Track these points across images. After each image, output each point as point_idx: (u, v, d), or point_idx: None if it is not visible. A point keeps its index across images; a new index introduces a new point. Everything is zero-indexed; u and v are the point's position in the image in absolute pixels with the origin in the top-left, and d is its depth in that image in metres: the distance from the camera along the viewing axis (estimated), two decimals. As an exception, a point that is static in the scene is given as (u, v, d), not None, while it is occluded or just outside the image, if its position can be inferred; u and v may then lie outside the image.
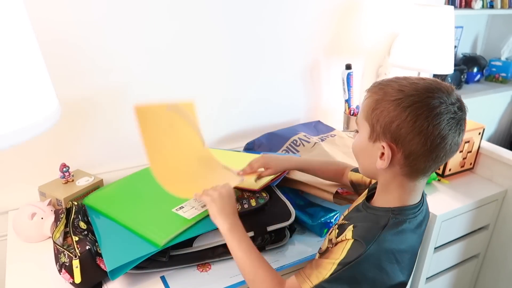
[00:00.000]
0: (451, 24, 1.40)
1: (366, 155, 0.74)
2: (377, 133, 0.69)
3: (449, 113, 0.65)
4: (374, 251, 0.68)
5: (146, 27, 1.15)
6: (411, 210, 0.73)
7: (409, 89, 0.66)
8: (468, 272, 1.45)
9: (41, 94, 0.64)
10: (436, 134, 0.64)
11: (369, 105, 0.70)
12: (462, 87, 2.32)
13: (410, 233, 0.73)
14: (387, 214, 0.72)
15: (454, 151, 0.68)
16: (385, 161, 0.69)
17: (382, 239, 0.69)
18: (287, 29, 1.40)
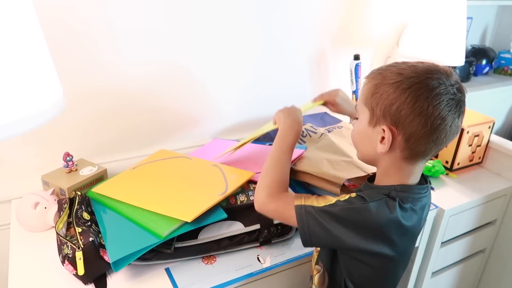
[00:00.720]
0: (463, 14, 1.37)
1: (366, 140, 0.73)
2: (377, 117, 0.69)
3: (448, 94, 0.65)
4: (374, 208, 0.68)
5: (153, 18, 1.12)
6: (416, 190, 0.73)
7: (408, 71, 0.67)
8: (473, 267, 1.43)
9: (45, 83, 0.62)
10: (436, 115, 0.65)
11: (369, 89, 0.71)
12: (470, 79, 2.28)
13: (411, 212, 0.72)
14: (390, 190, 0.72)
15: (454, 133, 0.69)
16: (386, 145, 0.69)
17: (384, 202, 0.69)
18: (294, 18, 1.37)
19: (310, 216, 0.71)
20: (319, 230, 0.70)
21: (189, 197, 0.92)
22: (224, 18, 1.24)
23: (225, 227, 0.93)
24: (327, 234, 0.70)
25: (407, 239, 0.75)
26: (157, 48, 1.17)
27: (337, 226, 0.69)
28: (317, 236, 0.71)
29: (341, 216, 0.69)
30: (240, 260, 0.92)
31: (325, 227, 0.70)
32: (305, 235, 0.72)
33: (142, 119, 1.24)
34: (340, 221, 0.69)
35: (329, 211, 0.70)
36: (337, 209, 0.70)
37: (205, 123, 1.37)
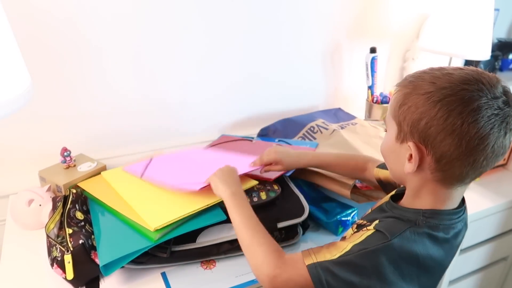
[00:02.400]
0: (490, 5, 1.27)
1: (394, 157, 0.65)
2: (404, 133, 0.60)
3: (490, 109, 0.54)
4: (397, 245, 0.59)
5: (152, 11, 1.07)
6: (447, 216, 0.63)
7: (442, 80, 0.57)
8: (495, 275, 1.35)
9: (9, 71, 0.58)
10: (472, 134, 0.54)
11: (397, 100, 0.61)
12: (496, 74, 2.17)
13: (443, 243, 0.63)
14: (417, 215, 0.62)
15: (498, 155, 0.57)
16: (413, 164, 0.60)
17: (408, 236, 0.60)
18: (306, 8, 1.30)
19: (328, 274, 0.60)
20: (341, 286, 0.60)
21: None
22: (231, 8, 1.18)
23: (226, 231, 0.87)
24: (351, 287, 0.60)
25: (437, 271, 0.66)
26: (159, 40, 1.12)
27: (359, 278, 0.59)
28: None
29: (361, 265, 0.59)
30: (241, 266, 0.87)
31: (347, 282, 0.59)
32: None
33: (145, 113, 1.20)
34: (362, 271, 0.59)
35: (346, 261, 0.60)
36: (354, 256, 0.60)
37: (211, 118, 1.32)
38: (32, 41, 0.98)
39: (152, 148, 1.22)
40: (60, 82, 1.06)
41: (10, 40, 0.60)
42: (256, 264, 0.66)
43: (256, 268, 0.66)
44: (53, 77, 1.04)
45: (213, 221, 0.83)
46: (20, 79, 0.61)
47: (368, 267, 0.59)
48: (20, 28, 0.95)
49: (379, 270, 0.59)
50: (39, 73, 1.01)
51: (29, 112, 1.04)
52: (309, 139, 1.24)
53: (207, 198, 0.85)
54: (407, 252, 0.60)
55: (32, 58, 0.98)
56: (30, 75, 0.68)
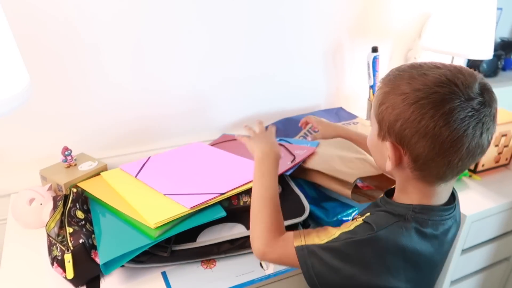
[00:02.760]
0: (492, 4, 1.26)
1: (378, 153, 0.66)
2: (384, 131, 0.61)
3: (463, 111, 0.54)
4: (383, 237, 0.60)
5: (158, 10, 1.07)
6: (437, 212, 0.63)
7: (417, 82, 0.56)
8: (497, 275, 1.34)
9: (7, 70, 0.58)
10: (445, 137, 0.54)
11: (378, 98, 0.62)
12: (498, 74, 2.15)
13: (432, 239, 0.63)
14: (407, 210, 0.63)
15: (475, 155, 0.58)
16: (392, 163, 0.61)
17: (395, 229, 0.61)
18: (308, 6, 1.29)
19: (313, 257, 0.63)
20: (325, 270, 0.62)
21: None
22: (233, 7, 1.18)
23: (226, 230, 0.87)
24: (335, 274, 0.62)
25: (425, 268, 0.65)
26: (160, 39, 1.12)
27: (345, 265, 0.61)
28: (324, 278, 0.63)
29: (346, 253, 0.61)
30: (241, 265, 0.87)
31: (331, 267, 0.61)
32: (310, 278, 0.63)
33: (146, 112, 1.20)
34: (346, 258, 0.61)
35: (333, 247, 0.62)
36: (340, 244, 0.62)
37: (212, 117, 1.32)
38: (33, 40, 0.98)
39: (152, 147, 1.22)
40: (62, 81, 1.06)
41: (8, 39, 0.60)
42: (253, 237, 0.71)
43: (252, 239, 0.71)
44: (55, 76, 1.04)
45: (213, 218, 0.83)
46: (19, 78, 0.61)
47: (352, 255, 0.61)
48: (20, 27, 0.95)
49: (364, 260, 0.61)
50: (41, 73, 1.02)
51: (30, 111, 1.04)
52: None
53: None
54: (393, 245, 0.60)
55: (34, 58, 0.99)
56: (30, 74, 0.68)
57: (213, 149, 1.10)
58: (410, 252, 0.61)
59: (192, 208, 0.81)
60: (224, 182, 0.90)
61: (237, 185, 0.88)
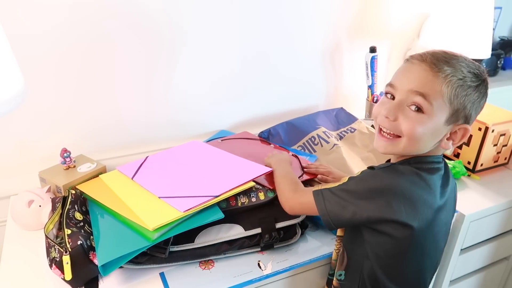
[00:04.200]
0: (490, 3, 1.26)
1: (436, 136, 0.71)
2: (458, 117, 0.69)
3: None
4: (383, 173, 0.72)
5: (158, 11, 1.07)
6: (430, 159, 0.73)
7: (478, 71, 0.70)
8: (496, 275, 1.34)
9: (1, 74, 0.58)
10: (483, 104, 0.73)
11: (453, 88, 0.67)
12: (498, 73, 2.14)
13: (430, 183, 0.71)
14: (403, 163, 0.73)
15: None
16: (456, 141, 0.72)
17: (393, 168, 0.73)
18: (305, 6, 1.29)
19: (327, 197, 0.75)
20: (337, 208, 0.73)
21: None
22: (231, 8, 1.18)
23: (224, 231, 0.87)
24: (345, 210, 0.72)
25: (425, 207, 0.71)
26: (160, 40, 1.12)
27: (352, 200, 0.71)
28: (336, 215, 0.73)
29: (354, 189, 0.72)
30: (239, 266, 0.87)
31: (342, 204, 0.72)
32: (325, 215, 0.74)
33: (145, 114, 1.20)
34: (355, 194, 0.72)
35: (344, 188, 0.74)
36: (349, 184, 0.74)
37: (211, 119, 1.32)
38: (31, 42, 0.98)
39: (152, 149, 1.22)
40: (60, 83, 1.06)
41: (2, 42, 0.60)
42: (280, 193, 0.88)
43: (280, 195, 0.87)
44: (53, 78, 1.05)
45: (211, 219, 0.83)
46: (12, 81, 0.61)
47: (357, 191, 0.72)
48: (17, 29, 0.95)
49: (366, 195, 0.71)
50: (39, 74, 1.02)
51: (29, 113, 1.04)
52: (309, 150, 1.23)
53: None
54: (391, 180, 0.70)
55: (33, 60, 1.00)
56: (28, 76, 0.68)
57: (210, 148, 1.10)
58: (408, 190, 0.69)
59: (185, 211, 0.80)
60: (219, 184, 0.89)
61: (232, 187, 0.88)
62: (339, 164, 1.13)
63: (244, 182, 0.90)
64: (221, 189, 0.87)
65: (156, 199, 0.86)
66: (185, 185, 0.90)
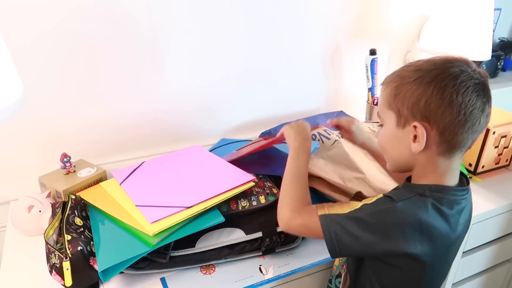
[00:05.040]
0: (490, 4, 1.26)
1: (397, 144, 0.70)
2: (405, 117, 0.66)
3: (472, 79, 0.63)
4: (402, 208, 0.65)
5: (158, 14, 1.07)
6: (451, 192, 0.68)
7: (426, 65, 0.65)
8: (499, 277, 1.33)
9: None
10: (467, 102, 0.62)
11: (389, 93, 0.68)
12: (498, 74, 2.14)
13: (447, 217, 0.67)
14: (424, 190, 0.68)
15: (486, 118, 0.66)
16: (421, 142, 0.65)
17: (414, 201, 0.66)
18: (308, 9, 1.29)
19: (337, 225, 0.67)
20: (347, 238, 0.66)
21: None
22: (230, 11, 1.18)
23: (225, 235, 0.87)
24: (356, 241, 0.66)
25: (440, 244, 0.68)
26: (160, 44, 1.12)
27: (365, 233, 0.65)
28: (345, 245, 0.67)
29: (369, 221, 0.66)
30: (240, 270, 0.87)
31: (353, 235, 0.66)
32: (332, 245, 0.68)
33: (145, 118, 1.20)
34: (368, 226, 0.66)
35: (356, 217, 0.67)
36: (363, 213, 0.67)
37: (211, 122, 1.31)
38: (32, 48, 0.98)
39: (152, 153, 1.22)
40: (60, 88, 1.06)
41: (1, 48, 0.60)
42: (281, 205, 0.76)
43: (280, 208, 0.76)
44: (53, 83, 1.04)
45: (211, 224, 0.83)
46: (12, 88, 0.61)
47: (373, 224, 0.65)
48: (17, 34, 0.95)
49: (383, 229, 0.65)
50: (39, 80, 1.02)
51: (29, 118, 1.04)
52: None
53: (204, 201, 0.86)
54: (411, 216, 0.65)
55: (33, 65, 0.99)
56: (28, 82, 0.68)
57: (207, 153, 1.10)
58: (426, 225, 0.65)
59: (153, 223, 0.79)
60: (198, 193, 0.87)
61: (205, 198, 0.85)
62: (342, 159, 1.11)
63: (218, 194, 0.87)
64: (195, 200, 0.85)
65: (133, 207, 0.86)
66: (165, 194, 0.89)
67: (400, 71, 0.68)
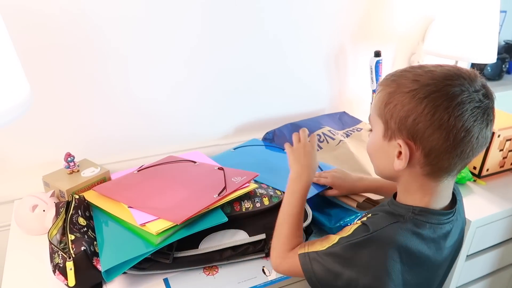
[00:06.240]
0: (495, 7, 1.26)
1: (382, 155, 0.66)
2: (392, 130, 0.62)
3: (472, 102, 0.57)
4: (379, 238, 0.62)
5: (158, 16, 1.07)
6: (436, 216, 0.65)
7: (424, 78, 0.59)
8: (503, 281, 1.33)
9: (8, 81, 0.58)
10: (459, 127, 0.57)
11: (382, 99, 0.63)
12: (503, 77, 2.14)
13: (429, 241, 0.64)
14: (407, 211, 0.64)
15: (482, 145, 0.60)
16: (403, 161, 0.62)
17: (391, 229, 0.62)
18: (312, 10, 1.29)
19: (315, 262, 0.66)
20: (327, 276, 0.65)
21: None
22: (234, 11, 1.18)
23: (228, 236, 0.87)
24: (337, 279, 0.64)
25: (425, 269, 0.66)
26: (162, 45, 1.12)
27: (344, 269, 0.63)
28: (326, 283, 0.65)
29: (345, 256, 0.64)
30: (243, 272, 0.86)
31: (332, 272, 0.64)
32: (314, 284, 0.66)
33: (149, 118, 1.20)
34: (345, 262, 0.63)
35: (332, 252, 0.65)
36: (339, 248, 0.64)
37: (214, 123, 1.32)
38: (36, 48, 0.99)
39: (155, 153, 1.22)
40: (64, 88, 1.06)
41: (9, 50, 0.60)
42: (272, 248, 0.77)
43: (271, 248, 0.78)
44: (57, 82, 1.05)
45: (214, 223, 0.83)
46: (19, 88, 0.61)
47: (351, 259, 0.63)
48: (21, 36, 0.95)
49: (362, 263, 0.62)
50: (43, 80, 1.02)
51: (33, 118, 1.04)
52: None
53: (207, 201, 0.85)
54: (389, 245, 0.61)
55: (38, 65, 1.00)
56: (33, 81, 0.68)
57: (206, 160, 1.11)
58: (406, 253, 0.62)
59: (141, 225, 0.79)
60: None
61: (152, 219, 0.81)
62: (347, 159, 1.11)
63: (195, 212, 0.82)
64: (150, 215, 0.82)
65: None
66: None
67: (399, 75, 0.63)
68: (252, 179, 0.93)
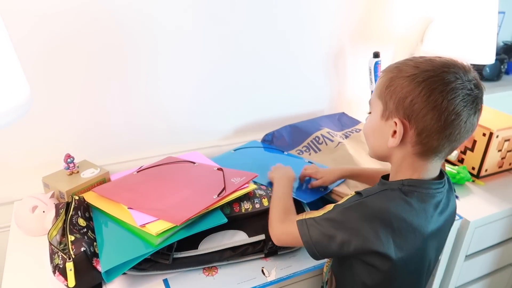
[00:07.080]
0: (494, 8, 1.26)
1: (378, 134, 0.72)
2: (390, 110, 0.68)
3: (464, 89, 0.63)
4: (369, 202, 0.68)
5: (158, 17, 1.08)
6: (425, 185, 0.69)
7: (424, 65, 0.65)
8: (502, 281, 1.33)
9: (8, 82, 0.58)
10: (450, 110, 0.63)
11: (383, 83, 0.69)
12: (501, 78, 2.14)
13: (419, 210, 0.68)
14: (397, 184, 0.70)
15: (469, 130, 0.66)
16: (397, 139, 0.67)
17: (381, 195, 0.68)
18: (311, 11, 1.29)
19: (312, 227, 0.71)
20: (322, 239, 0.70)
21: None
22: (233, 12, 1.18)
23: (228, 237, 0.87)
24: (331, 242, 0.69)
25: (414, 238, 0.68)
26: (161, 45, 1.13)
27: (337, 231, 0.68)
28: (321, 246, 0.70)
29: (340, 220, 0.69)
30: (243, 272, 0.87)
31: (327, 235, 0.69)
32: (310, 247, 0.71)
33: (148, 120, 1.20)
34: (339, 224, 0.68)
35: (328, 217, 0.70)
36: (335, 213, 0.70)
37: (212, 124, 1.32)
38: (35, 49, 0.99)
39: (155, 154, 1.22)
40: (64, 89, 1.06)
41: (8, 51, 0.60)
42: (270, 217, 0.84)
43: (269, 220, 0.83)
44: (57, 84, 1.05)
45: (214, 224, 0.83)
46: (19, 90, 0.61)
47: (344, 222, 0.68)
48: (21, 36, 0.96)
49: (354, 225, 0.67)
50: (43, 81, 1.03)
51: (33, 119, 1.04)
52: (314, 150, 1.23)
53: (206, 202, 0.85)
54: (379, 210, 0.67)
55: (37, 66, 1.00)
56: (32, 82, 0.68)
57: (204, 160, 1.11)
58: (396, 218, 0.66)
59: (141, 226, 0.80)
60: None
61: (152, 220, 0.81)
62: (346, 161, 1.12)
63: (192, 215, 0.82)
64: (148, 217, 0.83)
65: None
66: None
67: (401, 63, 0.69)
68: (251, 179, 0.94)
